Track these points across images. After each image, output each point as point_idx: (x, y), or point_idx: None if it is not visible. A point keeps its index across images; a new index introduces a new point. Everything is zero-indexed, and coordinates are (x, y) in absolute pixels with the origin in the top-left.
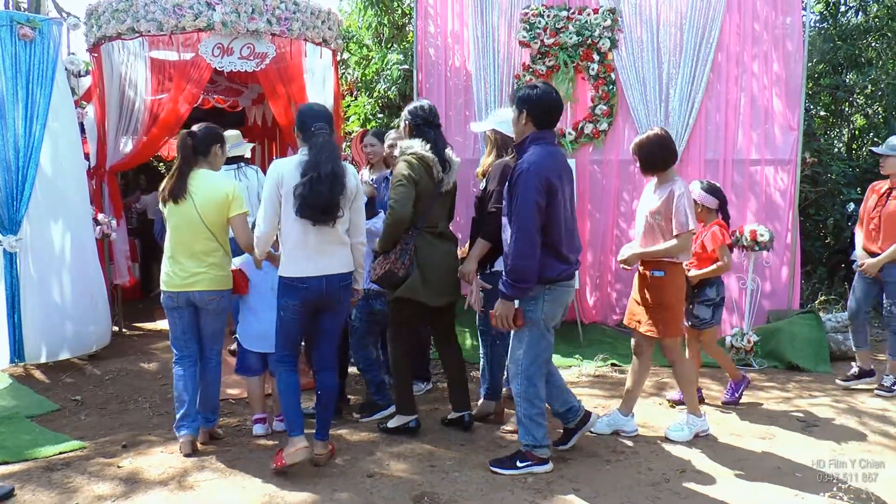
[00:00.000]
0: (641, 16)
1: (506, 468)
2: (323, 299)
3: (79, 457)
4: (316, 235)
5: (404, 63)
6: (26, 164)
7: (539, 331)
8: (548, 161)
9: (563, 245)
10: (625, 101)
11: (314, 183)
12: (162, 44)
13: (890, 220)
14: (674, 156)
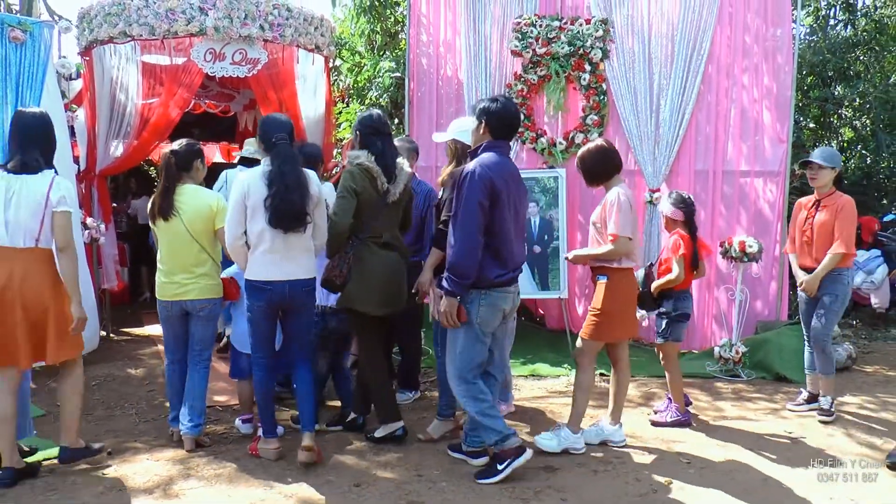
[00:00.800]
0: (633, 27)
1: (490, 476)
2: (286, 302)
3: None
4: (285, 242)
5: (396, 71)
6: None
7: (474, 334)
8: (494, 166)
9: (504, 250)
10: (616, 111)
11: (285, 193)
12: (154, 48)
13: (822, 230)
14: (616, 166)
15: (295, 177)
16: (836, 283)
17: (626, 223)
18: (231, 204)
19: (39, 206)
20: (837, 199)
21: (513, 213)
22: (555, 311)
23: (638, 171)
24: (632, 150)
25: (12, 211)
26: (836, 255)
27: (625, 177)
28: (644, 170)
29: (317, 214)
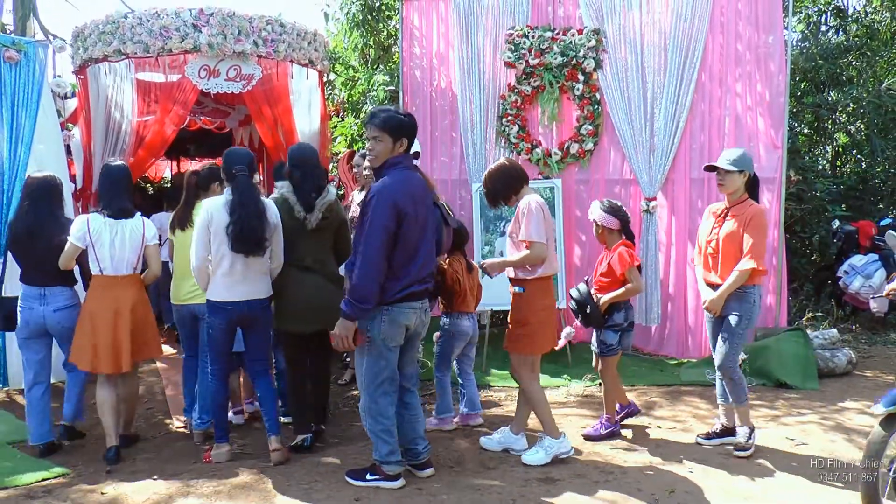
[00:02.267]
0: (626, 37)
1: (356, 478)
2: (245, 320)
3: (61, 483)
4: (244, 265)
5: (390, 84)
6: (11, 186)
7: (377, 350)
8: (399, 185)
9: (405, 267)
10: (610, 120)
11: (245, 220)
12: (148, 66)
13: (728, 242)
14: (520, 179)
15: (254, 206)
16: (742, 302)
17: (540, 229)
18: (196, 230)
19: (138, 242)
20: (747, 208)
21: (418, 229)
22: None
23: (633, 180)
24: (627, 160)
25: (117, 248)
26: (743, 272)
27: (620, 186)
28: (640, 179)
29: (274, 240)
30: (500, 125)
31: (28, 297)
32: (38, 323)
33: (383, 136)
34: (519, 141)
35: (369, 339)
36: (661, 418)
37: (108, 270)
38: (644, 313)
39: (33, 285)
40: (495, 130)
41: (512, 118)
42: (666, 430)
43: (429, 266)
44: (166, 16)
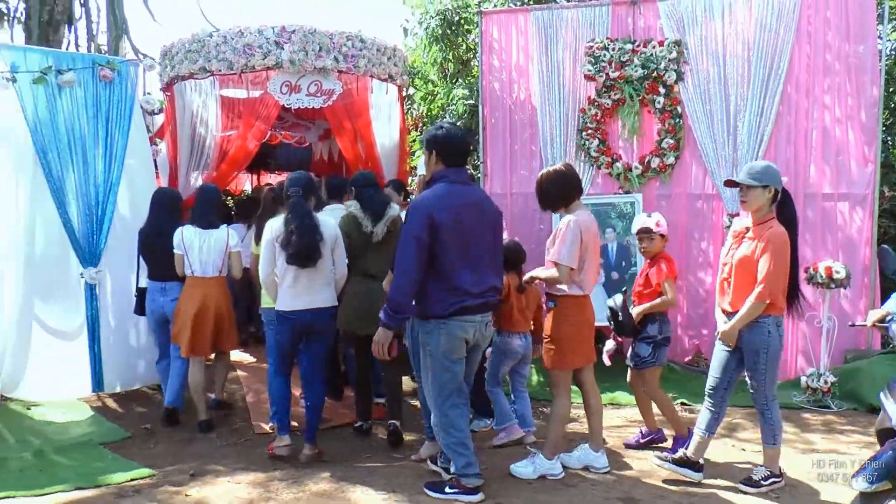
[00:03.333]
0: (707, 48)
1: (435, 491)
2: (308, 328)
3: (148, 484)
4: (307, 277)
5: (469, 98)
6: (105, 199)
7: (440, 363)
8: (437, 198)
9: (455, 279)
10: (691, 134)
11: (290, 236)
12: (232, 82)
13: (741, 267)
14: (574, 191)
15: (303, 223)
16: (755, 334)
17: (571, 252)
18: (262, 247)
19: (222, 249)
20: (766, 231)
21: (464, 242)
22: None
23: (716, 195)
24: (709, 174)
25: (205, 254)
26: (755, 303)
27: (703, 201)
28: (722, 194)
29: (336, 254)
30: (580, 139)
31: (153, 290)
32: (160, 312)
33: (425, 150)
34: (599, 155)
35: (432, 356)
36: (745, 441)
37: (197, 272)
38: None
39: (156, 280)
40: (575, 144)
41: (592, 132)
42: (751, 454)
43: (487, 281)
44: (249, 34)
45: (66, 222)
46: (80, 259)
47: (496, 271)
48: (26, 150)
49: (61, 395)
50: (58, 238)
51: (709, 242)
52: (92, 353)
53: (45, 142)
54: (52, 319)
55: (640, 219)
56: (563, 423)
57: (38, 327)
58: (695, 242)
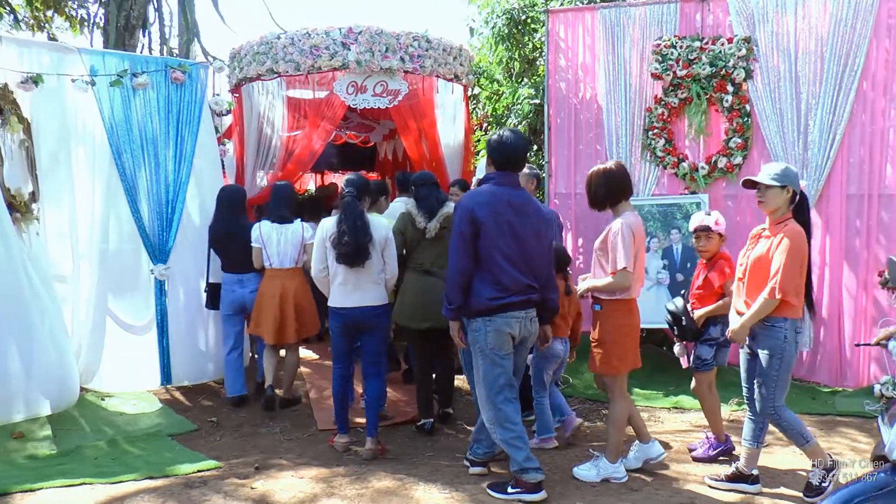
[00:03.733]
0: (778, 44)
1: (498, 492)
2: (358, 324)
3: (214, 476)
4: (355, 276)
5: (535, 97)
6: (175, 199)
7: (489, 359)
8: (479, 196)
9: (501, 276)
10: (760, 133)
11: (341, 236)
12: (298, 83)
13: (756, 267)
14: (623, 191)
15: (354, 223)
16: (770, 337)
17: (628, 257)
18: (315, 244)
19: (299, 241)
20: (782, 229)
21: (506, 240)
22: None
23: None
24: None
25: (282, 246)
26: (768, 299)
27: None
28: None
29: (386, 254)
30: (646, 138)
31: (229, 282)
32: (238, 302)
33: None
34: (665, 154)
35: (480, 352)
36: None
37: (275, 264)
38: None
39: (233, 273)
40: (641, 144)
41: (658, 131)
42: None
43: (529, 278)
44: (316, 35)
45: (137, 220)
46: (151, 256)
47: (540, 272)
48: (103, 150)
49: (132, 386)
50: (130, 235)
51: None
52: (161, 347)
53: (119, 142)
54: (125, 314)
55: (699, 216)
56: (622, 426)
57: (112, 321)
58: None
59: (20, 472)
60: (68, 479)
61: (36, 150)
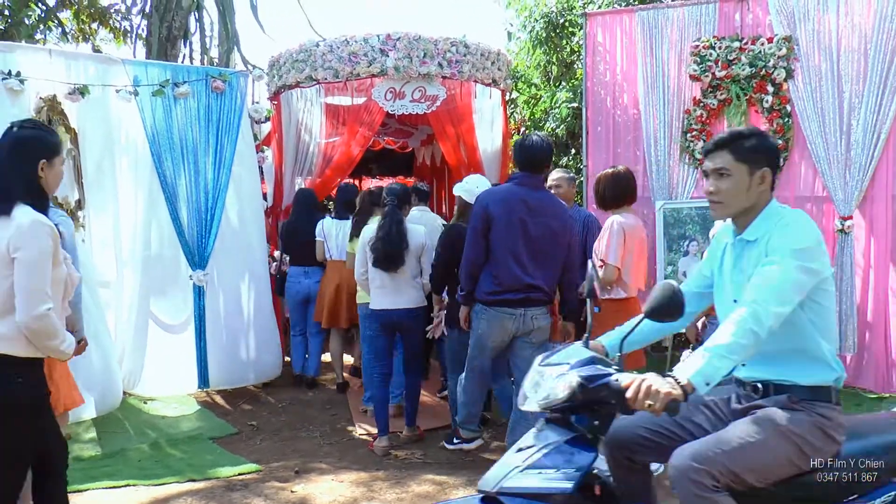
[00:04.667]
0: (820, 43)
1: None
2: (395, 325)
3: (255, 479)
4: (391, 279)
5: (573, 101)
6: (214, 205)
7: (478, 343)
8: (497, 194)
9: (500, 271)
10: (801, 133)
11: (378, 242)
12: (337, 90)
13: None
14: (628, 194)
15: (391, 231)
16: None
17: (615, 253)
18: (357, 248)
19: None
20: None
21: (516, 238)
22: None
23: (827, 198)
24: (820, 175)
25: (340, 241)
26: None
27: (812, 204)
28: (834, 196)
29: (423, 260)
30: (685, 141)
31: (295, 274)
32: (303, 292)
33: None
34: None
35: (475, 333)
36: None
37: (334, 256)
38: (839, 341)
39: (299, 265)
40: (679, 146)
41: (697, 133)
42: None
43: (535, 278)
44: (355, 42)
45: (177, 226)
46: (189, 262)
47: (554, 272)
48: (145, 158)
49: (173, 390)
50: (170, 240)
51: None
52: (198, 351)
53: (160, 150)
54: (165, 319)
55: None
56: None
57: (154, 326)
58: None
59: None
60: (113, 481)
61: (82, 159)
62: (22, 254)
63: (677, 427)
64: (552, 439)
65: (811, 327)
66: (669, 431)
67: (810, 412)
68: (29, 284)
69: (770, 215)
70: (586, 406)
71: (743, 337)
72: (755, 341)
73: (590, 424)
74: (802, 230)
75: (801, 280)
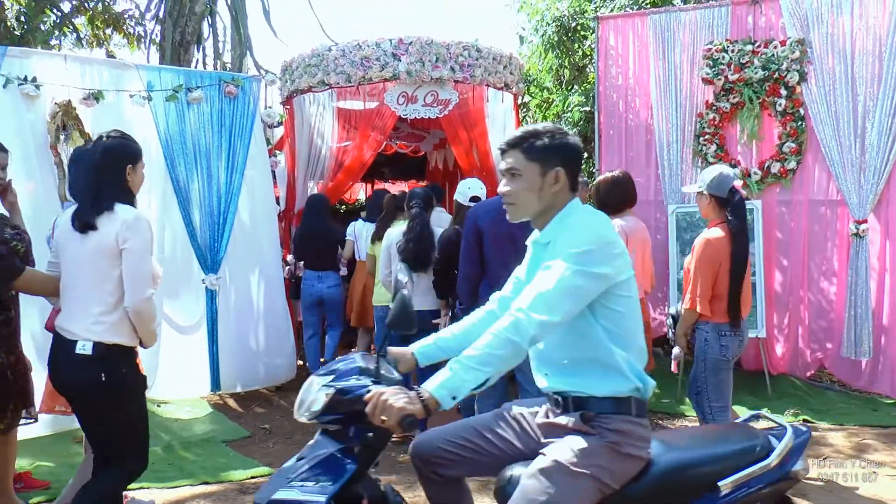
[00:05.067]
0: (834, 45)
1: None
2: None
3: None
4: (416, 280)
5: (585, 105)
6: (226, 209)
7: None
8: (486, 206)
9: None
10: (815, 137)
11: (407, 243)
12: (349, 94)
13: (686, 275)
14: (623, 199)
15: (420, 233)
16: (696, 341)
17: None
18: (381, 250)
19: None
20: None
21: (506, 249)
22: (752, 350)
23: (841, 201)
24: (833, 179)
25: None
26: (686, 310)
27: (826, 207)
28: (848, 200)
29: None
30: (697, 144)
31: (309, 278)
32: (316, 295)
33: None
34: (717, 160)
35: None
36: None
37: (362, 257)
38: (853, 346)
39: (313, 270)
40: (692, 150)
41: (709, 137)
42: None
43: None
44: (367, 46)
45: (190, 231)
46: (202, 265)
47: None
48: (158, 163)
49: (186, 393)
50: (183, 244)
51: (832, 251)
52: (211, 354)
53: (174, 155)
54: (178, 322)
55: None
56: None
57: (167, 329)
58: (817, 251)
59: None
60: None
61: None
62: (130, 244)
63: (482, 440)
64: (320, 451)
65: (604, 336)
66: (474, 444)
67: (604, 432)
68: (137, 271)
69: (564, 217)
70: (357, 418)
71: (498, 347)
72: (513, 352)
73: (363, 437)
74: (585, 232)
75: (581, 286)
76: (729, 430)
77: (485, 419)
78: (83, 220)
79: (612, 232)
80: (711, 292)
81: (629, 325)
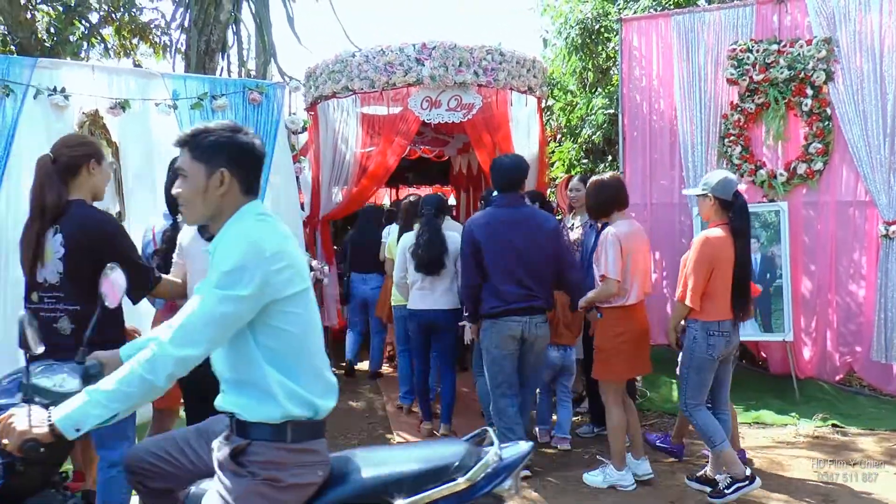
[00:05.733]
0: (861, 44)
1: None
2: (432, 325)
3: None
4: (429, 282)
5: (609, 107)
6: None
7: (490, 356)
8: (480, 219)
9: (500, 287)
10: (842, 137)
11: (418, 248)
12: (373, 100)
13: (681, 272)
14: (616, 202)
15: (431, 237)
16: (685, 338)
17: (614, 265)
18: (397, 255)
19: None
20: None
21: (505, 256)
22: (779, 354)
23: (870, 202)
24: (862, 179)
25: None
26: (677, 304)
27: (854, 208)
28: (878, 200)
29: (458, 264)
30: (722, 146)
31: (356, 280)
32: (362, 297)
33: None
34: (742, 162)
35: (485, 350)
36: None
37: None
38: (883, 350)
39: (359, 272)
40: (717, 152)
41: (734, 138)
42: None
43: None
44: (391, 52)
45: None
46: None
47: (546, 277)
48: None
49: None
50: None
51: (861, 253)
52: None
53: None
54: None
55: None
56: (616, 434)
57: None
58: (846, 253)
59: None
60: None
61: (123, 172)
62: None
63: (180, 454)
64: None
65: (262, 356)
66: (173, 458)
67: (256, 470)
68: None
69: (231, 225)
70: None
71: (130, 385)
72: (147, 390)
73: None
74: (238, 245)
75: (227, 313)
76: (436, 447)
77: (186, 433)
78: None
79: (276, 243)
80: (703, 290)
81: (298, 345)
